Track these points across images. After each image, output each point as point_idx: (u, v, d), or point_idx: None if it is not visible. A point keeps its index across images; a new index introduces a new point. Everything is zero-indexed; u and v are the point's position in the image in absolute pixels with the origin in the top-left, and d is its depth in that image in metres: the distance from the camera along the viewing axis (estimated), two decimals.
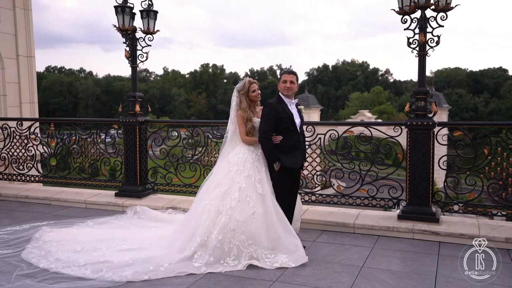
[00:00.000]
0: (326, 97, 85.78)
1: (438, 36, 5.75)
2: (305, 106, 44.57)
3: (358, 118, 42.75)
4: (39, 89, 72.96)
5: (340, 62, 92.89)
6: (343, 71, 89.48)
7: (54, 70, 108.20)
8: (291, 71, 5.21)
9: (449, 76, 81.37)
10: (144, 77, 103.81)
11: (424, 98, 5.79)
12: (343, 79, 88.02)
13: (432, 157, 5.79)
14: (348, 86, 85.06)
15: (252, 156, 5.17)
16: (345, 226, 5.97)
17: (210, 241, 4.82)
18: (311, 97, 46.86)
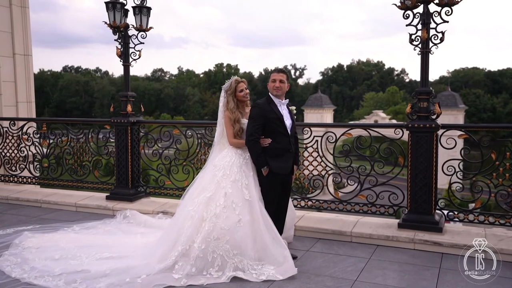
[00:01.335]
0: (341, 97, 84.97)
1: (443, 32, 5.36)
2: (318, 106, 44.25)
3: (372, 119, 42.13)
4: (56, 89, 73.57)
5: (355, 62, 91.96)
6: (358, 71, 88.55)
7: (71, 69, 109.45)
8: (281, 70, 4.88)
9: (466, 76, 79.88)
10: (159, 77, 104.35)
11: (427, 99, 5.41)
12: (358, 79, 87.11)
13: (435, 161, 5.41)
14: (363, 86, 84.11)
15: (240, 160, 4.86)
16: (342, 234, 5.61)
17: (192, 251, 4.52)
18: (324, 97, 46.38)
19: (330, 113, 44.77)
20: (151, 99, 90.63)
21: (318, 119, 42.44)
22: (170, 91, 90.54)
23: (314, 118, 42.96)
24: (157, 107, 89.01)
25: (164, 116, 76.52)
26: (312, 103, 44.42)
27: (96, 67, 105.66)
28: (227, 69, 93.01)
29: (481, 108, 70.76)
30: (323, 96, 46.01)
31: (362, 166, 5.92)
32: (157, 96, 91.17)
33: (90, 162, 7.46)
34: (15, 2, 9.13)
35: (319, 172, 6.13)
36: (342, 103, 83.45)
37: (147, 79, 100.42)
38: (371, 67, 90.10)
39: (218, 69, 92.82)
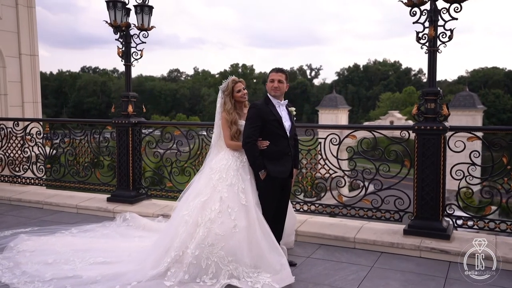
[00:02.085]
0: (357, 97, 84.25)
1: (451, 30, 5.11)
2: (333, 107, 43.84)
3: (387, 119, 41.56)
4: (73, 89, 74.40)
5: (371, 62, 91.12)
6: (374, 71, 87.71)
7: (89, 70, 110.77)
8: (279, 69, 4.68)
9: (485, 76, 78.44)
10: (175, 77, 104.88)
11: (435, 100, 5.16)
12: (374, 79, 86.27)
13: (443, 165, 5.16)
14: (380, 86, 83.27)
15: (237, 163, 4.68)
16: (345, 240, 5.40)
17: (185, 257, 4.35)
18: (339, 97, 45.96)
19: (345, 113, 44.31)
20: (167, 99, 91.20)
21: (332, 120, 42.07)
22: (185, 91, 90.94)
23: (329, 119, 42.60)
24: (173, 107, 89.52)
25: (180, 116, 76.89)
26: (327, 104, 44.04)
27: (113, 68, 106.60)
28: (243, 69, 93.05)
29: (500, 109, 69.40)
30: (338, 97, 45.57)
31: (366, 169, 5.69)
32: (173, 97, 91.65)
33: (92, 163, 7.36)
34: (21, 2, 9.11)
35: (322, 176, 5.92)
36: (358, 103, 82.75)
37: (163, 80, 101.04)
38: (388, 67, 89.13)
39: (234, 69, 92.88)
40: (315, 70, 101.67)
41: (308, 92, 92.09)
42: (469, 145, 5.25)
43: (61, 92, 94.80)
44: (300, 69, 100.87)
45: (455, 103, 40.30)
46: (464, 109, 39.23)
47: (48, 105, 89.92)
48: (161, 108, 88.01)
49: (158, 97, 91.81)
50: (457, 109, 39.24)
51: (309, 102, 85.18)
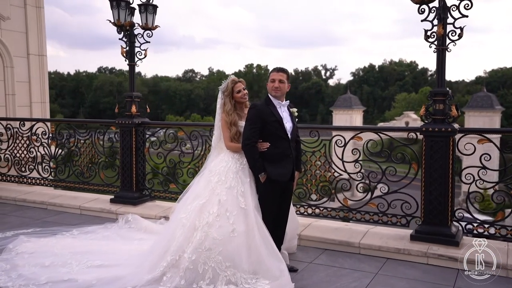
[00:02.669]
0: (372, 97, 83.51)
1: (461, 27, 4.91)
2: (348, 107, 43.44)
3: (403, 120, 41.06)
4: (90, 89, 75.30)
5: (387, 62, 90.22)
6: (390, 71, 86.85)
7: (105, 70, 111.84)
8: (281, 69, 4.53)
9: (504, 76, 77.01)
10: (190, 77, 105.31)
11: (443, 100, 4.96)
12: (390, 80, 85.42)
13: (451, 168, 4.96)
14: (395, 86, 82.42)
15: (236, 165, 4.55)
16: (349, 245, 5.23)
17: (182, 261, 4.23)
18: (353, 97, 45.56)
19: (359, 114, 43.88)
20: (181, 99, 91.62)
21: (347, 120, 41.70)
22: (200, 91, 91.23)
23: (343, 119, 42.25)
24: (188, 107, 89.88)
25: (194, 116, 77.15)
26: (341, 104, 43.67)
27: None
28: (257, 69, 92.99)
29: None
30: (352, 97, 45.16)
31: (373, 173, 5.51)
32: (187, 97, 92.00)
33: (97, 164, 7.30)
34: (30, 2, 9.11)
35: (327, 178, 5.76)
36: (373, 104, 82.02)
37: (178, 80, 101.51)
38: (404, 67, 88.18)
39: (248, 70, 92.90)
40: (330, 71, 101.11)
41: (323, 93, 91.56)
42: (482, 148, 5.05)
43: (78, 92, 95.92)
44: (315, 69, 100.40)
45: (472, 104, 39.62)
46: (482, 110, 38.51)
47: (65, 105, 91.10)
48: (176, 108, 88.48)
49: (173, 97, 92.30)
50: (474, 110, 38.57)
51: (324, 102, 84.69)
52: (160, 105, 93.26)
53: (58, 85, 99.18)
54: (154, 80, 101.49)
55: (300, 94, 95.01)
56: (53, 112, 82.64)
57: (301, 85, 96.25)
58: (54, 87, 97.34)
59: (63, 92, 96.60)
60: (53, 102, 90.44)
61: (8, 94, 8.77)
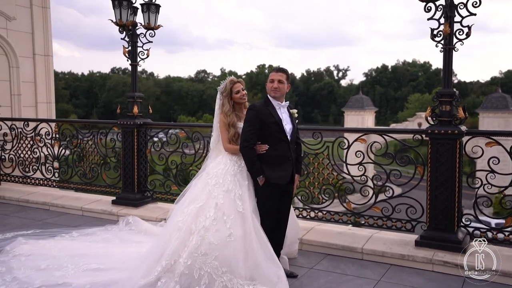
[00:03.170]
0: (384, 98, 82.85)
1: (469, 26, 4.73)
2: (359, 108, 43.12)
3: (415, 121, 40.54)
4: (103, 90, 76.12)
5: (400, 63, 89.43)
6: (403, 72, 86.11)
7: (118, 71, 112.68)
8: (280, 69, 4.41)
9: None
10: (202, 78, 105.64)
11: (450, 102, 4.79)
12: (403, 80, 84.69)
13: (458, 172, 4.78)
14: (408, 87, 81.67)
15: (234, 168, 4.43)
16: (352, 250, 5.08)
17: (177, 266, 4.12)
18: (365, 98, 45.20)
19: (371, 115, 43.52)
20: (194, 100, 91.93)
21: (359, 121, 41.38)
22: (212, 92, 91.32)
23: (355, 120, 41.93)
24: (200, 107, 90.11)
25: (206, 117, 77.19)
26: (353, 105, 43.36)
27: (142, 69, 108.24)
28: (269, 70, 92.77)
29: None
30: (364, 98, 44.81)
31: (377, 175, 5.35)
32: (199, 97, 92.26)
33: (99, 165, 7.24)
34: (36, 3, 9.10)
35: (332, 179, 5.61)
36: (386, 104, 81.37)
37: (190, 80, 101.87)
38: (417, 68, 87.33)
39: (260, 70, 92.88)
40: (343, 71, 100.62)
41: (335, 93, 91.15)
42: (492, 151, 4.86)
43: (92, 93, 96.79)
44: (327, 70, 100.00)
45: (486, 105, 39.04)
46: (496, 111, 37.90)
47: (79, 105, 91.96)
48: (188, 109, 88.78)
49: (185, 98, 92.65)
50: (489, 111, 37.99)
51: (336, 103, 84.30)
52: (173, 106, 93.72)
53: (72, 85, 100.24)
54: (166, 80, 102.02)
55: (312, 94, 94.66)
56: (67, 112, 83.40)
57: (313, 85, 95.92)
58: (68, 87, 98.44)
59: (77, 92, 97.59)
60: (67, 103, 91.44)
61: (13, 94, 8.77)
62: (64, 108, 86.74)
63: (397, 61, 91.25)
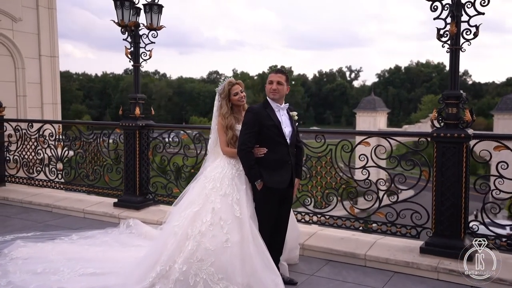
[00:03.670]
0: (397, 99, 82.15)
1: (477, 26, 4.56)
2: (371, 109, 42.74)
3: (428, 122, 39.98)
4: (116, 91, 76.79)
5: (413, 63, 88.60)
6: (416, 73, 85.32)
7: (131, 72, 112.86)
8: (279, 70, 4.29)
9: None
10: (214, 79, 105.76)
11: (456, 104, 4.62)
12: (417, 81, 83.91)
13: (465, 177, 4.61)
14: (422, 88, 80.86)
15: (232, 172, 4.32)
16: (355, 257, 4.94)
17: (172, 272, 4.03)
18: (377, 99, 44.83)
19: (383, 116, 43.14)
20: (206, 100, 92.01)
21: (371, 123, 41.04)
22: None
23: (367, 122, 41.60)
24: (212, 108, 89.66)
25: None
26: (365, 106, 43.02)
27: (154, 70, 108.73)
28: None
29: None
30: (376, 99, 44.43)
31: (381, 179, 5.20)
32: (211, 98, 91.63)
33: (102, 167, 7.18)
34: (42, 4, 9.09)
35: (333, 185, 5.47)
36: (399, 106, 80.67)
37: (202, 81, 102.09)
38: (431, 69, 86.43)
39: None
40: (355, 72, 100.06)
41: (348, 94, 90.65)
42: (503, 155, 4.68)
43: (105, 94, 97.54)
44: (340, 70, 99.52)
45: (501, 107, 38.44)
46: None
47: (92, 106, 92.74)
48: (200, 110, 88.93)
49: (197, 99, 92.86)
50: (504, 113, 37.39)
51: (348, 104, 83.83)
52: (185, 106, 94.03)
53: (86, 86, 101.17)
54: (178, 81, 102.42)
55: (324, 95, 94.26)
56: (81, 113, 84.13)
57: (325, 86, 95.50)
58: (82, 88, 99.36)
59: (90, 93, 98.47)
60: (81, 103, 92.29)
61: (19, 95, 8.76)
62: (78, 109, 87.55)
63: (411, 62, 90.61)
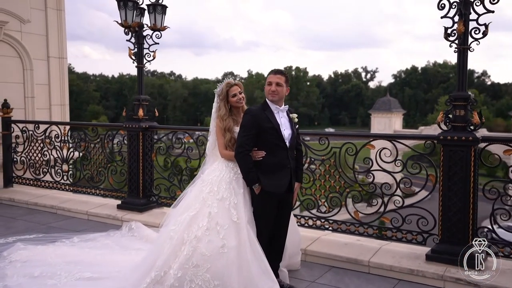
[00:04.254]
0: (414, 100, 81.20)
1: (486, 24, 4.38)
2: (387, 110, 42.27)
3: None
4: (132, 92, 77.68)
5: (430, 64, 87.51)
6: (433, 73, 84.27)
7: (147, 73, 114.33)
8: (278, 71, 4.17)
9: None
10: None
11: (464, 106, 4.44)
12: (434, 82, 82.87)
13: (473, 181, 4.43)
14: (439, 89, 79.76)
15: (230, 175, 4.21)
16: (358, 263, 4.78)
17: (167, 278, 3.93)
18: (393, 100, 44.30)
19: (399, 117, 42.61)
20: None
21: (386, 124, 40.57)
22: None
23: (382, 123, 41.13)
24: None
25: None
26: (380, 107, 42.55)
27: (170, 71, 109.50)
28: (296, 72, 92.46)
29: None
30: (391, 100, 43.91)
31: (386, 183, 5.04)
32: None
33: (106, 168, 7.14)
34: (50, 5, 9.11)
35: (337, 190, 5.33)
36: (416, 106, 79.73)
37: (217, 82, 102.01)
38: (448, 69, 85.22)
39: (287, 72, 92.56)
40: (371, 73, 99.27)
41: (363, 95, 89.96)
42: None
43: (121, 95, 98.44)
44: (355, 71, 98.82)
45: None
46: None
47: (109, 107, 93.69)
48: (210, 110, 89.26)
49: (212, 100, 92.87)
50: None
51: (364, 105, 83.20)
52: (200, 107, 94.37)
53: (103, 87, 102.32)
54: (194, 82, 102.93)
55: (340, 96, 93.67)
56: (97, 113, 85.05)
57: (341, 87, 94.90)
58: (99, 89, 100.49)
59: (107, 94, 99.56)
60: (98, 104, 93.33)
61: (27, 96, 8.78)
62: (95, 110, 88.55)
63: (427, 62, 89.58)
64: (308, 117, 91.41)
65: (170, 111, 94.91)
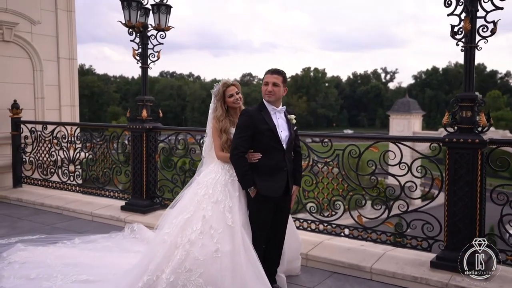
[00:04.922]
0: (435, 101, 79.92)
1: (494, 22, 4.19)
2: (406, 112, 41.67)
3: None
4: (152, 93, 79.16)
5: (451, 65, 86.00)
6: (454, 74, 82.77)
7: (166, 75, 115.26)
8: (275, 70, 4.03)
9: None
10: (247, 81, 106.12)
11: (471, 107, 4.26)
12: (455, 83, 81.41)
13: (480, 186, 4.24)
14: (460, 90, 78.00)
15: (225, 177, 4.10)
16: (360, 270, 4.62)
17: (159, 282, 3.84)
18: (412, 101, 43.66)
19: (418, 119, 41.97)
20: None
21: (405, 125, 40.00)
22: (257, 95, 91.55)
23: (401, 124, 40.57)
24: None
25: None
26: (399, 108, 41.98)
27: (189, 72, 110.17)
28: (314, 73, 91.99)
29: None
30: (411, 101, 43.28)
31: (390, 187, 4.87)
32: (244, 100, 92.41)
33: (111, 169, 7.12)
34: (61, 6, 9.15)
35: (340, 192, 5.18)
36: (436, 108, 78.47)
37: None
38: None
39: (305, 73, 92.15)
40: (390, 74, 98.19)
41: (382, 96, 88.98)
42: None
43: None
44: (374, 72, 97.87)
45: None
46: None
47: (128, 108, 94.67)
48: None
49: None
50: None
51: (383, 106, 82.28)
52: None
53: (123, 89, 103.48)
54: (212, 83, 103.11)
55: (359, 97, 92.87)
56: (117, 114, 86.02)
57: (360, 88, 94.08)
58: (119, 91, 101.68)
59: (127, 95, 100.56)
60: (118, 105, 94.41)
61: (37, 97, 8.83)
62: (115, 111, 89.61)
63: (449, 63, 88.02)
64: (326, 119, 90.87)
65: (188, 112, 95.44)
